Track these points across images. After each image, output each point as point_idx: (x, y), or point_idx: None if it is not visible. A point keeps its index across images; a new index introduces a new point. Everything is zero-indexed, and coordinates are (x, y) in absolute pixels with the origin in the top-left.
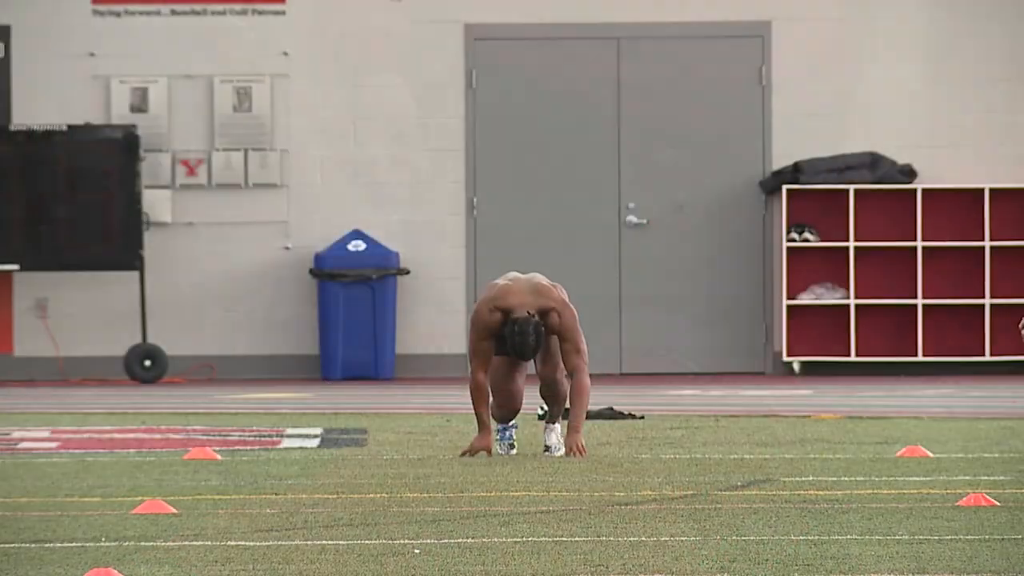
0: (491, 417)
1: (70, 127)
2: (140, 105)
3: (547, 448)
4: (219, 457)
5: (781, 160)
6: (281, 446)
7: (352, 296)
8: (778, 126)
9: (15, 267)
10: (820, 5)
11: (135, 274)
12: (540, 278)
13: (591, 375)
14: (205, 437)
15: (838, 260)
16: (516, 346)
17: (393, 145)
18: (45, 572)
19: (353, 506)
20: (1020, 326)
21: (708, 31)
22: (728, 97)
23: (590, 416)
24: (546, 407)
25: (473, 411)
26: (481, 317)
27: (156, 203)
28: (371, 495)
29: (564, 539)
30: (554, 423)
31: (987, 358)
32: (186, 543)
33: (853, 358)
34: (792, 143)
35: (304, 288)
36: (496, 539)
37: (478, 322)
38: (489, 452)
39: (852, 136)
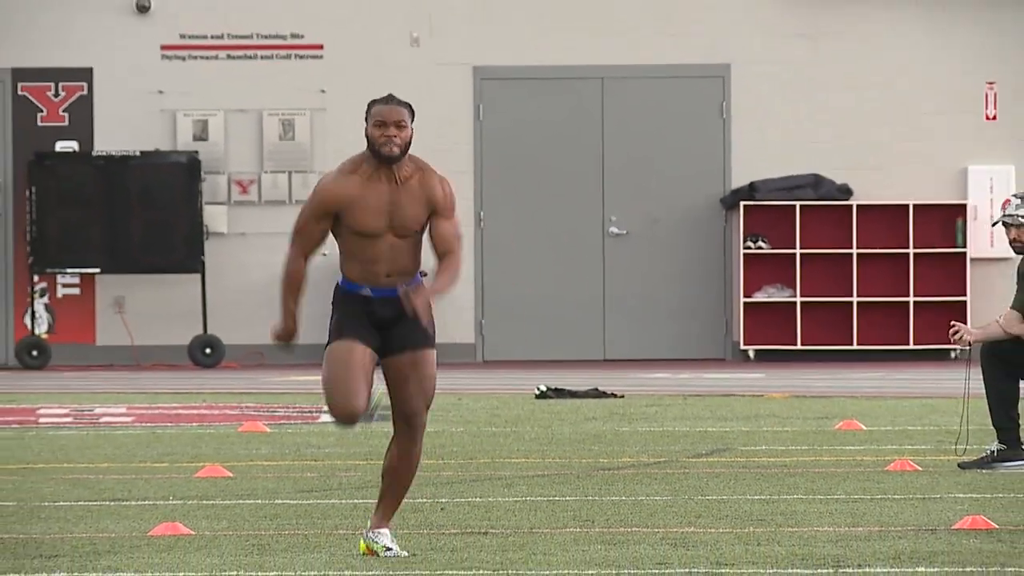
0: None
1: (142, 153)
2: (201, 134)
3: (385, 549)
4: (268, 429)
5: (739, 181)
6: (319, 421)
7: None
8: (736, 152)
9: (97, 270)
10: (771, 51)
11: (197, 276)
12: None
13: (575, 362)
14: (256, 413)
15: (786, 265)
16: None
17: None
18: (123, 525)
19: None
20: (951, 335)
21: (678, 72)
22: (694, 127)
23: (577, 396)
24: (544, 387)
25: (281, 300)
26: (325, 183)
27: (214, 217)
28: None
29: (557, 498)
30: (387, 526)
31: (911, 347)
32: (240, 501)
33: (799, 347)
34: (748, 166)
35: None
36: (500, 498)
37: (320, 190)
38: (291, 339)
39: (798, 160)
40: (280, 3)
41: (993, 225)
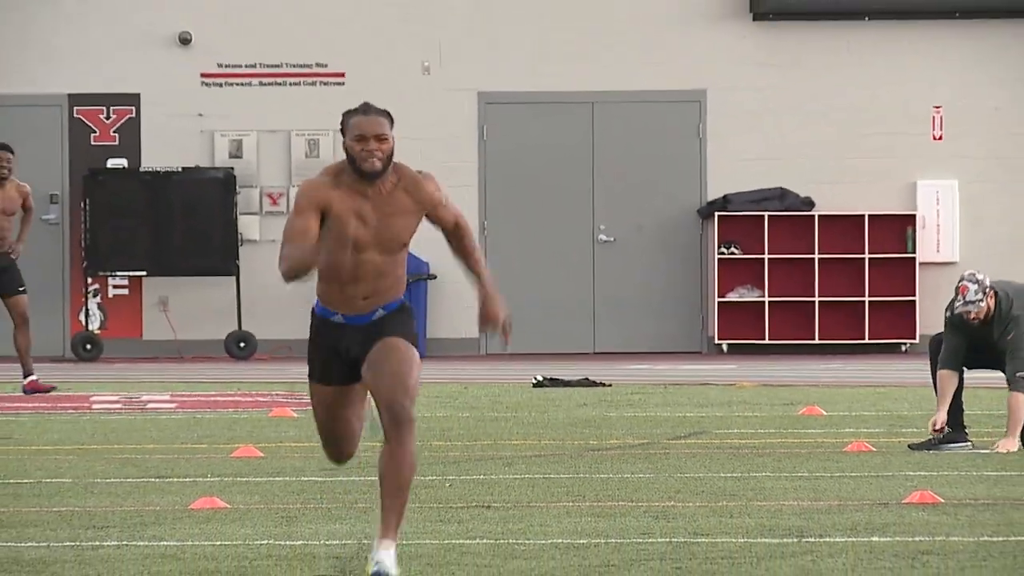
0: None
1: (184, 169)
2: (236, 152)
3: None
4: (295, 415)
5: (714, 193)
6: None
7: None
8: (711, 168)
9: (143, 273)
10: (742, 79)
11: (232, 278)
12: None
13: (568, 354)
14: (285, 400)
15: (756, 268)
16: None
17: None
18: (166, 499)
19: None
20: (931, 425)
21: (659, 97)
22: (674, 146)
23: (569, 385)
24: (540, 377)
25: (290, 269)
26: (310, 183)
27: (248, 225)
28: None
29: (551, 476)
30: (391, 539)
31: (866, 341)
32: (270, 479)
33: (767, 341)
34: (721, 181)
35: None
36: (501, 476)
37: (306, 189)
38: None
39: (766, 176)
40: (306, 35)
41: (953, 312)
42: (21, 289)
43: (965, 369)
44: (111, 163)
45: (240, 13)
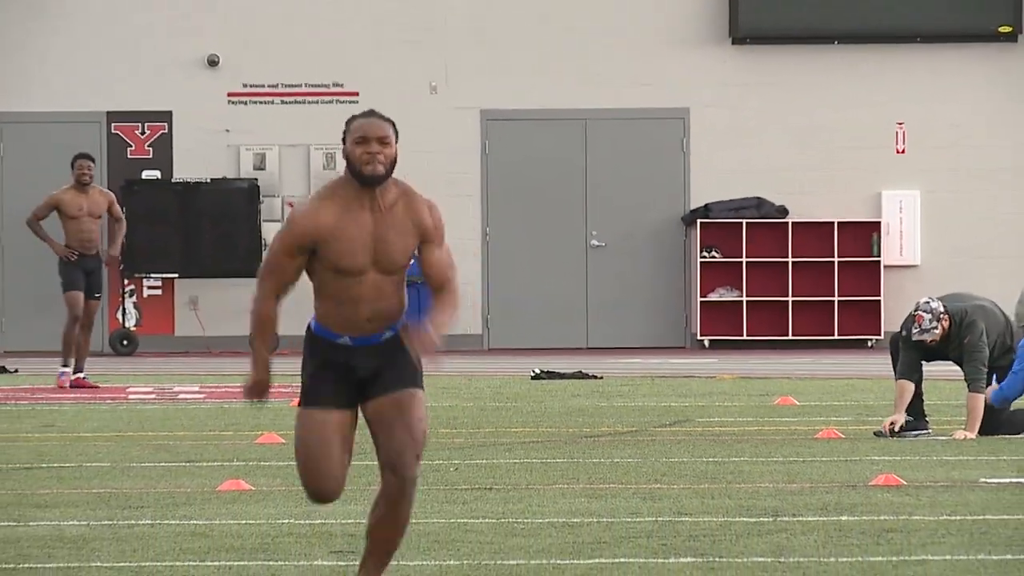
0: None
1: (212, 180)
2: (260, 165)
3: None
4: None
5: (696, 202)
6: None
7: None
8: (694, 180)
9: (175, 275)
10: (721, 98)
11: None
12: None
13: (563, 349)
14: None
15: (735, 270)
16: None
17: (432, 191)
18: (196, 481)
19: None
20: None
21: (647, 114)
22: (660, 159)
23: (564, 377)
24: (538, 370)
25: (250, 346)
26: (300, 213)
27: (271, 231)
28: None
29: (548, 460)
30: None
31: (836, 337)
32: (291, 463)
33: (745, 337)
34: (703, 191)
35: None
36: (502, 460)
37: (294, 221)
38: (263, 394)
39: (744, 186)
40: (324, 58)
41: (911, 336)
42: (96, 296)
43: (924, 362)
44: (145, 174)
45: (263, 37)
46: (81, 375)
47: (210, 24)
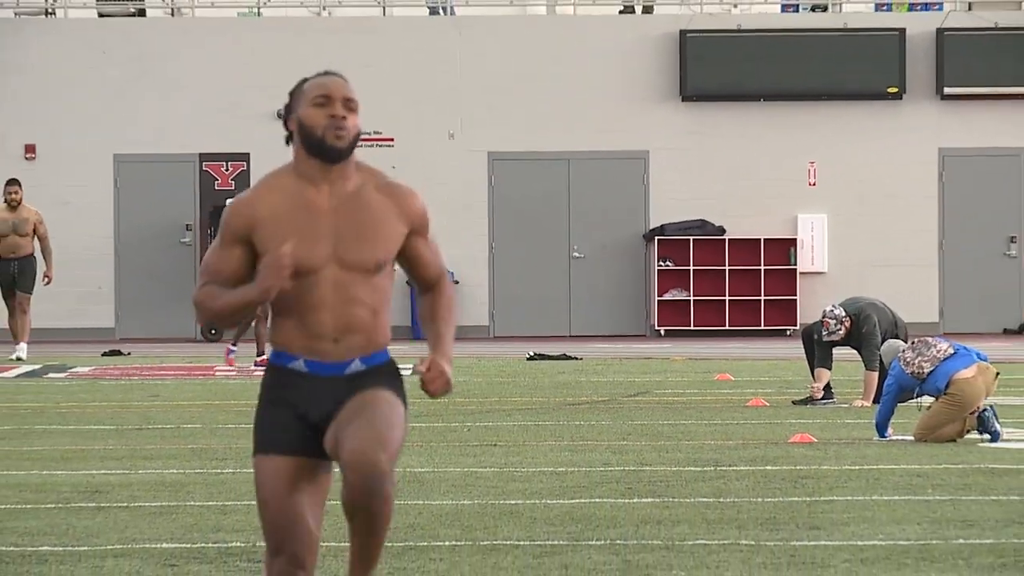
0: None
1: None
2: None
3: None
4: None
5: (654, 223)
6: None
7: None
8: (653, 206)
9: None
10: (674, 142)
11: None
12: None
13: (552, 337)
14: None
15: (684, 276)
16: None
17: (451, 215)
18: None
19: (426, 405)
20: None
21: (616, 155)
22: (626, 190)
23: (553, 358)
24: (532, 353)
25: (221, 317)
26: (234, 200)
27: None
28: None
29: (540, 423)
30: None
31: (762, 328)
32: None
33: (692, 327)
34: (660, 215)
35: (398, 292)
36: (504, 423)
37: (228, 210)
38: (283, 267)
39: (691, 211)
40: (367, 109)
41: (822, 338)
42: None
43: (833, 349)
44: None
45: None
46: (265, 356)
47: (278, 83)
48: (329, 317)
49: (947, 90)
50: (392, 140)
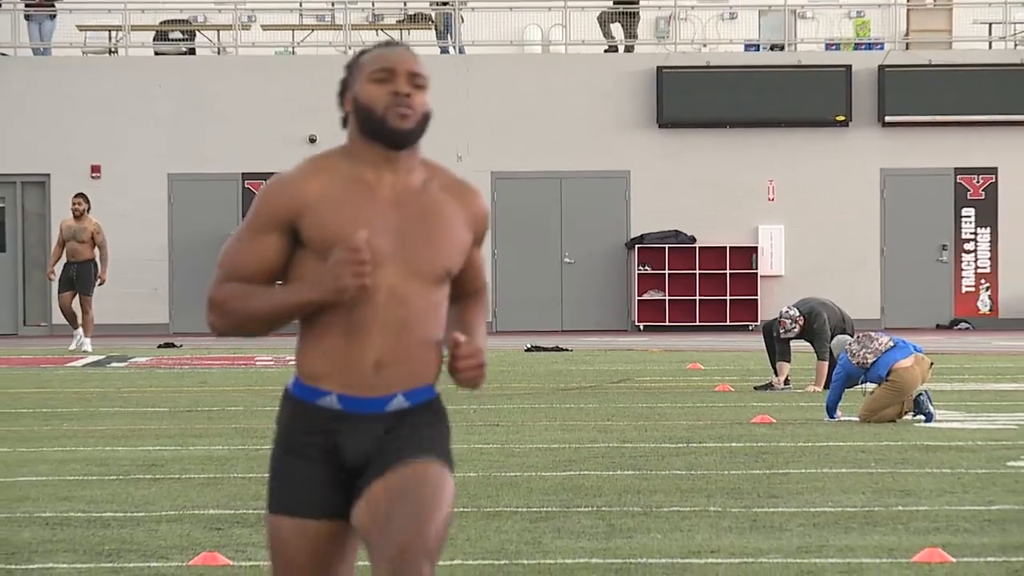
0: None
1: None
2: None
3: None
4: None
5: (635, 233)
6: None
7: None
8: (634, 219)
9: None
10: (652, 163)
11: None
12: None
13: (547, 331)
14: None
15: (661, 279)
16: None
17: None
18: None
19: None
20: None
21: (602, 175)
22: (609, 205)
23: (547, 350)
24: (529, 345)
25: (255, 321)
26: (275, 179)
27: None
28: (447, 385)
29: (536, 406)
30: None
31: (728, 323)
32: None
33: (668, 323)
34: (639, 226)
35: None
36: (504, 405)
37: (266, 189)
38: (359, 257)
39: (668, 222)
40: None
41: (779, 336)
42: None
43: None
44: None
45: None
46: None
47: (309, 112)
48: (378, 338)
49: (888, 118)
50: None
